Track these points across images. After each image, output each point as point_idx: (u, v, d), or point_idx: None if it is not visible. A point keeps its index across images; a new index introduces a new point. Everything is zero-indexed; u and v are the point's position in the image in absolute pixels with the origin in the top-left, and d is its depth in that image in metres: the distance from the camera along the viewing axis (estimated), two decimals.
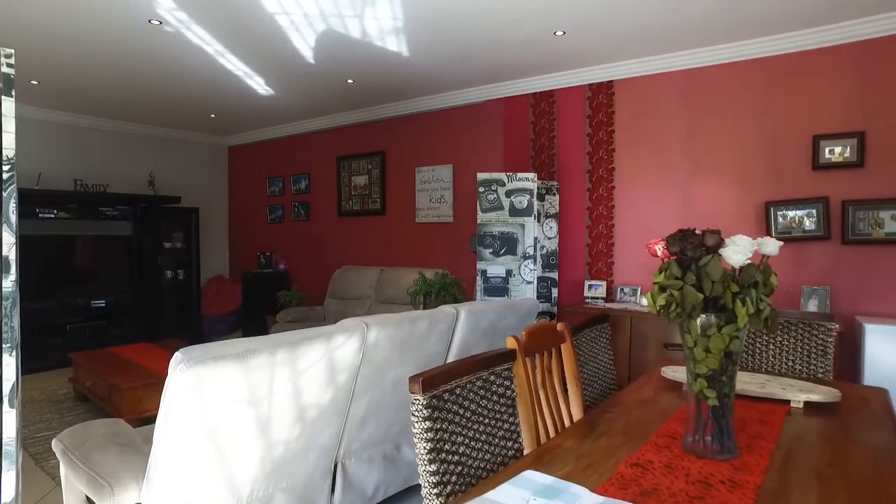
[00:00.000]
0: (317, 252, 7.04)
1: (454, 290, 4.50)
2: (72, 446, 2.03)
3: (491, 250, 4.12)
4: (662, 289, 1.67)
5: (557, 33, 3.95)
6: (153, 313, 6.78)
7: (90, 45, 4.19)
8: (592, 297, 4.72)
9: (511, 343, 1.84)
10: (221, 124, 7.16)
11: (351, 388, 2.24)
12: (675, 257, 1.64)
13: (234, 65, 4.65)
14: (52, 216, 6.03)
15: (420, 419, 1.39)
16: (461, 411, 1.53)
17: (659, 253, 1.70)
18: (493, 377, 1.69)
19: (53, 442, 2.14)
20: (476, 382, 1.62)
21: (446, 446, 1.45)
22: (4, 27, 3.88)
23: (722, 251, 1.54)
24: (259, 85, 5.28)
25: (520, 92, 5.22)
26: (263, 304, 6.71)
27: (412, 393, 1.40)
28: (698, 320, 1.55)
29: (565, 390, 2.17)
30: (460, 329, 2.74)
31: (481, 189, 4.13)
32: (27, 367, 5.72)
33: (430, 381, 1.42)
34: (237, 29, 3.89)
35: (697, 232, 1.62)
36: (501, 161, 5.34)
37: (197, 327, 7.19)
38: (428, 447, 1.39)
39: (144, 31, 3.88)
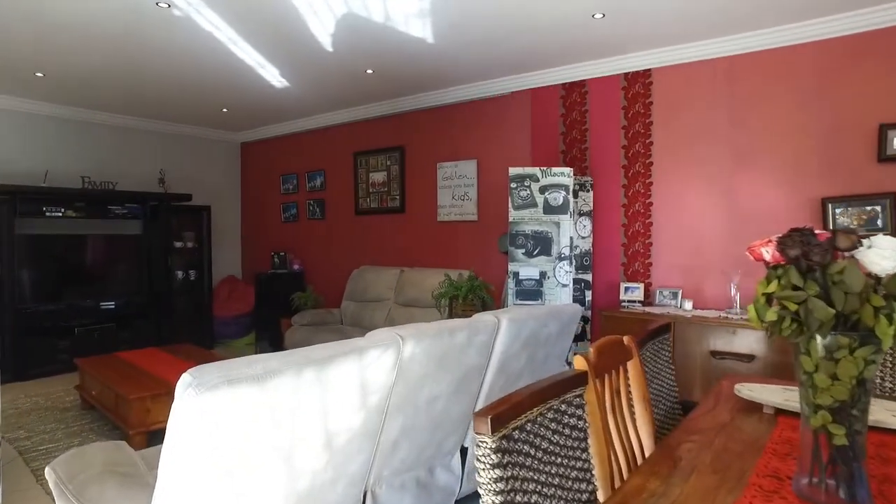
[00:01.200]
0: (333, 252, 6.78)
1: (482, 292, 4.20)
2: (66, 478, 1.77)
3: (524, 251, 3.81)
4: (770, 300, 1.38)
5: (596, 16, 3.65)
6: (163, 315, 6.54)
7: (96, 30, 3.94)
8: (629, 301, 4.41)
9: (580, 364, 1.55)
10: (233, 119, 6.91)
11: (384, 408, 1.96)
12: (791, 262, 1.35)
13: (247, 53, 4.39)
14: (60, 215, 5.80)
15: (488, 466, 1.11)
16: (532, 451, 1.25)
17: (767, 256, 1.39)
18: (563, 406, 1.40)
19: (47, 470, 1.87)
20: (547, 414, 1.33)
21: (517, 497, 1.16)
22: (5, 14, 3.63)
23: (857, 255, 1.25)
24: (273, 76, 5.02)
25: (549, 82, 4.92)
26: (277, 306, 6.44)
27: (478, 434, 1.12)
28: (821, 340, 1.26)
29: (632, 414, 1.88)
30: (501, 340, 2.46)
31: (513, 185, 3.83)
32: (34, 371, 5.52)
33: (500, 418, 1.14)
34: (251, 12, 3.63)
35: (817, 231, 1.32)
36: (529, 156, 5.04)
37: (209, 330, 6.95)
38: (498, 501, 1.10)
39: (152, 14, 3.62)
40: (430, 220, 5.78)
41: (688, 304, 4.11)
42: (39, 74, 4.98)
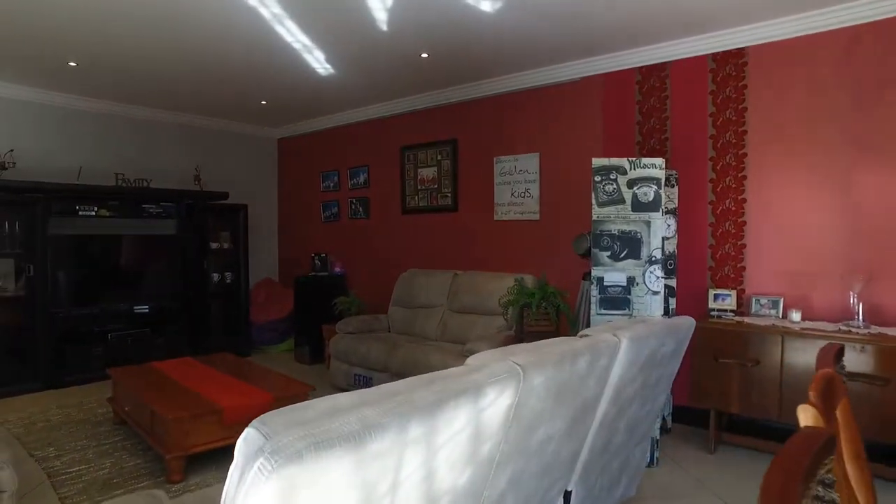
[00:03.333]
0: (377, 254, 6.35)
1: (557, 300, 3.72)
2: None
3: (609, 253, 3.32)
4: None
5: None
6: (199, 320, 6.20)
7: (131, 11, 3.58)
8: (719, 310, 3.88)
9: (814, 418, 1.06)
10: (272, 113, 6.55)
11: (494, 459, 1.50)
12: None
13: (293, 35, 3.99)
14: (93, 213, 5.50)
15: None
16: None
17: None
18: (821, 490, 0.92)
19: None
20: None
21: None
22: None
23: None
24: (318, 62, 4.61)
25: (624, 66, 4.41)
26: (318, 312, 6.05)
27: None
28: None
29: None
30: (619, 363, 1.98)
31: (597, 178, 3.34)
32: (68, 378, 5.22)
33: None
34: None
35: None
36: (600, 148, 4.54)
37: (245, 335, 6.59)
38: None
39: None
40: (485, 219, 5.31)
41: (795, 315, 3.56)
42: (72, 64, 4.66)
